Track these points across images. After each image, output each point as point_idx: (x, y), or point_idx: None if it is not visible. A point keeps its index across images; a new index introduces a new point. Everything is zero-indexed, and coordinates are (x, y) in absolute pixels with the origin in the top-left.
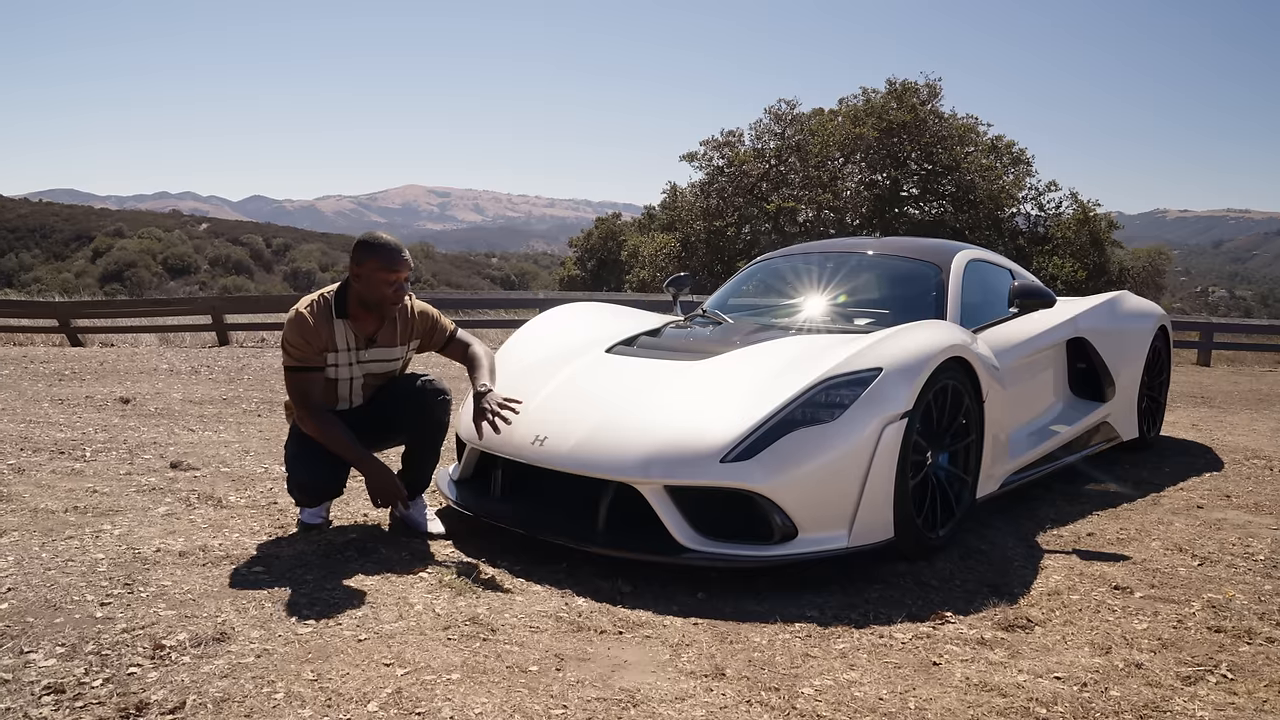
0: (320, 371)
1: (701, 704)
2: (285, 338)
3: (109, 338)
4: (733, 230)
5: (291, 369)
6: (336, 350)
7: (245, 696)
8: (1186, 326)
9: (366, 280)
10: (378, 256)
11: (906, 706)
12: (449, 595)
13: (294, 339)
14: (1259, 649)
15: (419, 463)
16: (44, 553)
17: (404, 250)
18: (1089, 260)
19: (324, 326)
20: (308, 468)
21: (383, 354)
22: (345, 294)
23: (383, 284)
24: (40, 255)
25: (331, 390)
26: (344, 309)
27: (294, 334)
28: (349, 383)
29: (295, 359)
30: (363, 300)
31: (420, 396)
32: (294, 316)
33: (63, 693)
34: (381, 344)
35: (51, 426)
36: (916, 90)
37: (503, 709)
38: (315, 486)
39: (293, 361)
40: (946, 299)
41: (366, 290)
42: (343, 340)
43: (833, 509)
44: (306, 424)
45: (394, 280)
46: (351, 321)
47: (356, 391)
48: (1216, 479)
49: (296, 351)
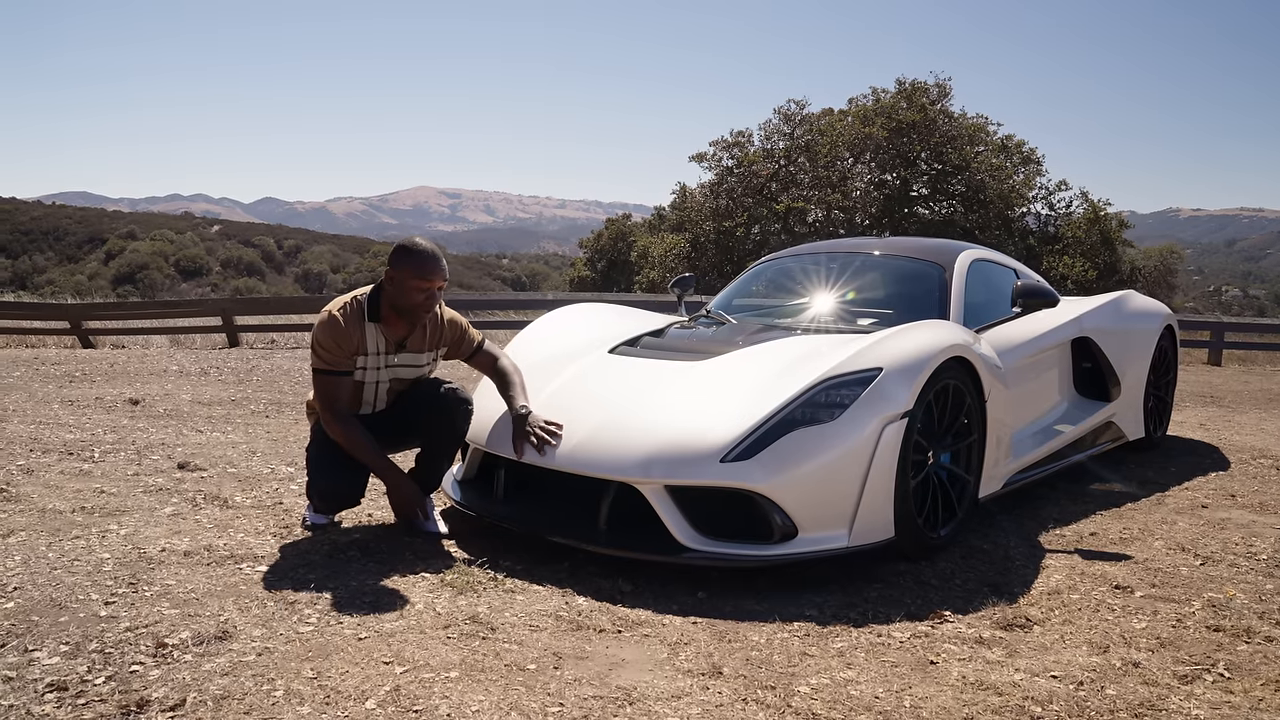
0: (349, 375)
1: (698, 702)
2: (316, 339)
3: (120, 339)
4: (742, 231)
5: (320, 371)
6: (366, 354)
7: (245, 694)
8: (1197, 326)
9: (400, 285)
10: (412, 264)
11: (902, 705)
12: (450, 594)
13: (325, 341)
14: (1257, 648)
15: (432, 465)
16: (50, 552)
17: (441, 260)
18: (1100, 260)
19: (355, 329)
20: (329, 475)
21: (411, 359)
22: (378, 297)
23: (415, 291)
24: (54, 258)
25: (357, 393)
26: (376, 313)
27: (326, 336)
28: (375, 386)
29: (326, 362)
30: (394, 305)
31: (444, 403)
32: (326, 319)
33: (65, 690)
34: (411, 349)
35: (61, 428)
36: (926, 90)
37: (499, 706)
38: (335, 493)
39: (322, 364)
40: (949, 299)
41: (399, 295)
42: (373, 344)
43: (833, 508)
44: (332, 428)
45: (427, 288)
46: (383, 325)
47: (381, 396)
48: (1222, 478)
49: (327, 355)
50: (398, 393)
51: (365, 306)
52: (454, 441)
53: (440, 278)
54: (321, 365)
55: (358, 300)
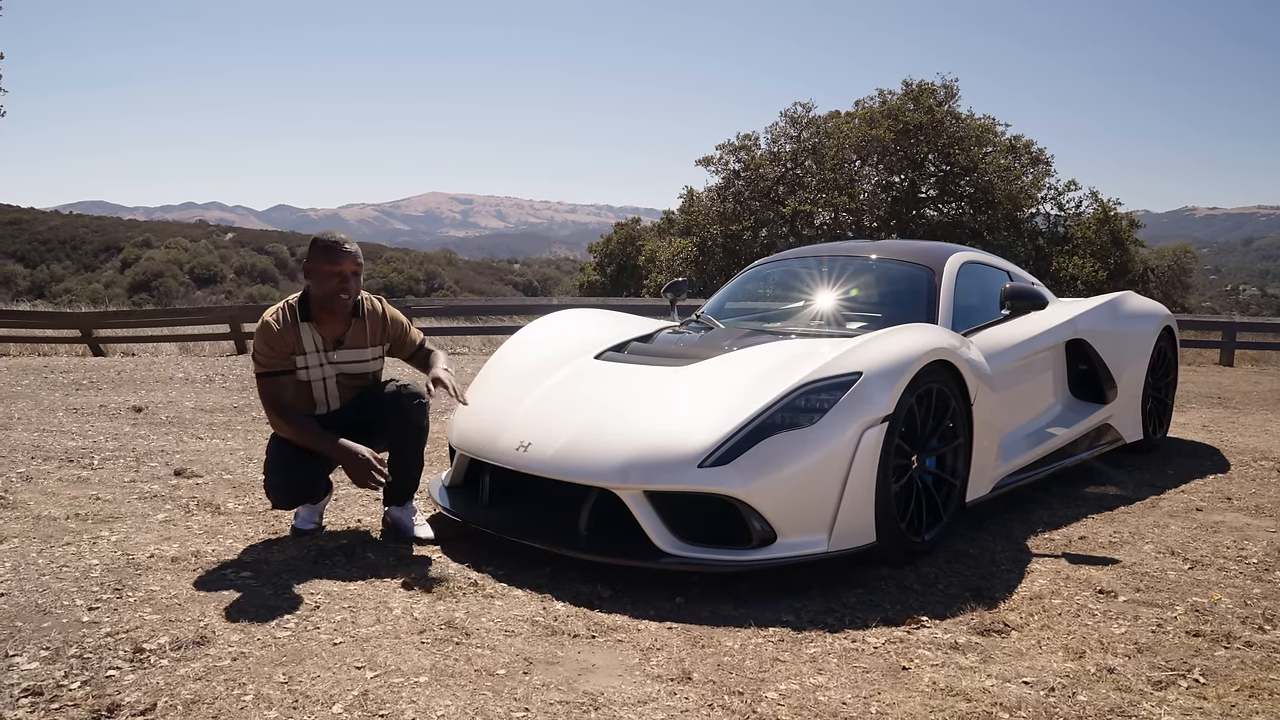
0: (290, 375)
1: (663, 708)
2: (254, 346)
3: (130, 347)
4: (749, 234)
5: (260, 375)
6: (305, 353)
7: (215, 698)
8: (1208, 326)
9: (315, 276)
10: (320, 251)
11: (869, 711)
12: (429, 599)
13: (260, 346)
14: (1235, 653)
15: (403, 467)
16: (40, 559)
17: (349, 244)
18: (1111, 260)
19: (289, 331)
20: (282, 471)
21: (354, 355)
22: (308, 299)
23: (328, 276)
24: (70, 266)
25: (306, 393)
26: (307, 313)
27: (260, 341)
28: (322, 384)
29: (263, 365)
30: (318, 300)
31: (397, 400)
32: (260, 325)
33: (40, 695)
34: (351, 345)
35: (63, 435)
36: (933, 91)
37: (465, 711)
38: (289, 489)
39: (260, 368)
40: (939, 301)
41: (317, 287)
42: (309, 343)
43: (812, 513)
44: (280, 425)
45: (337, 271)
46: (316, 324)
47: (332, 393)
48: (1220, 481)
49: (263, 358)
50: (356, 390)
51: (297, 308)
52: (417, 436)
53: (350, 261)
54: (260, 368)
55: (290, 304)
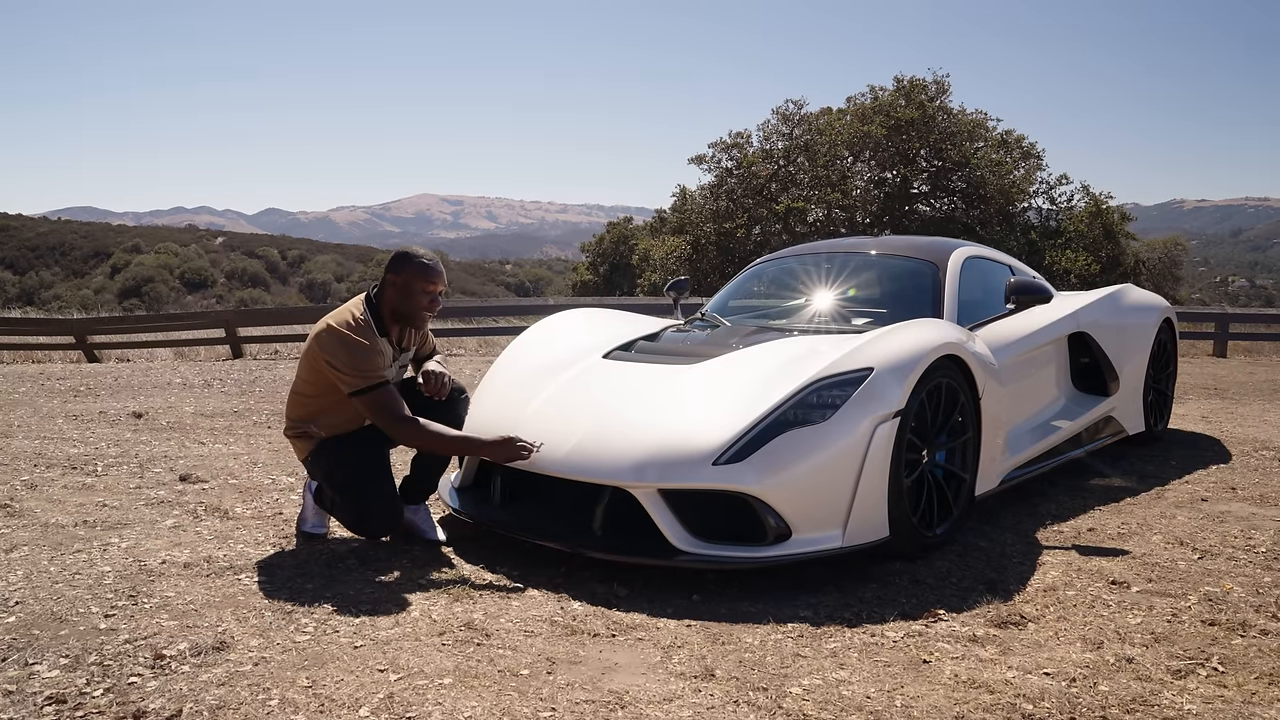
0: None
1: (689, 705)
2: (354, 365)
3: (125, 353)
4: (742, 232)
5: (368, 389)
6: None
7: (241, 704)
8: (1201, 318)
9: (406, 290)
10: (417, 268)
11: (893, 704)
12: (446, 601)
13: (362, 362)
14: (1251, 641)
15: (429, 466)
16: (52, 566)
17: (440, 263)
18: (1103, 253)
19: (377, 342)
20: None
21: (405, 359)
22: (378, 310)
23: (422, 294)
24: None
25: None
26: (382, 326)
27: (360, 358)
28: None
29: (371, 379)
30: (395, 311)
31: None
32: (352, 342)
33: (64, 703)
34: (404, 348)
35: (65, 442)
36: (924, 87)
37: (492, 712)
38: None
39: (366, 382)
40: (943, 297)
41: (403, 301)
42: (387, 354)
43: (826, 509)
44: (405, 436)
45: (433, 291)
46: (388, 335)
47: None
48: (1223, 471)
49: (371, 370)
50: None
51: (371, 320)
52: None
53: (442, 281)
54: (366, 384)
55: (363, 319)
